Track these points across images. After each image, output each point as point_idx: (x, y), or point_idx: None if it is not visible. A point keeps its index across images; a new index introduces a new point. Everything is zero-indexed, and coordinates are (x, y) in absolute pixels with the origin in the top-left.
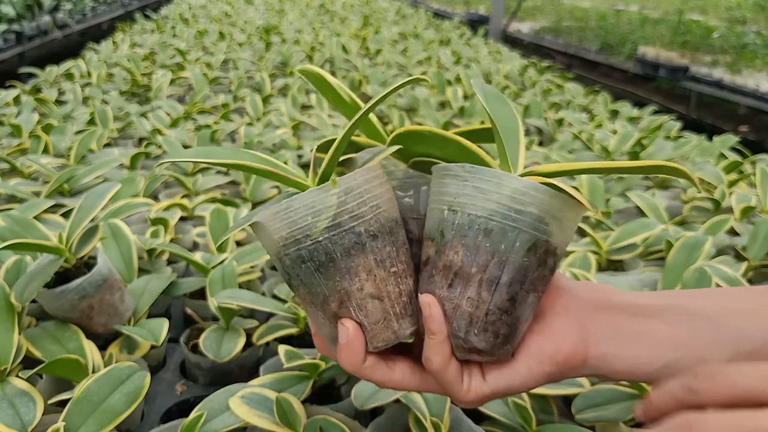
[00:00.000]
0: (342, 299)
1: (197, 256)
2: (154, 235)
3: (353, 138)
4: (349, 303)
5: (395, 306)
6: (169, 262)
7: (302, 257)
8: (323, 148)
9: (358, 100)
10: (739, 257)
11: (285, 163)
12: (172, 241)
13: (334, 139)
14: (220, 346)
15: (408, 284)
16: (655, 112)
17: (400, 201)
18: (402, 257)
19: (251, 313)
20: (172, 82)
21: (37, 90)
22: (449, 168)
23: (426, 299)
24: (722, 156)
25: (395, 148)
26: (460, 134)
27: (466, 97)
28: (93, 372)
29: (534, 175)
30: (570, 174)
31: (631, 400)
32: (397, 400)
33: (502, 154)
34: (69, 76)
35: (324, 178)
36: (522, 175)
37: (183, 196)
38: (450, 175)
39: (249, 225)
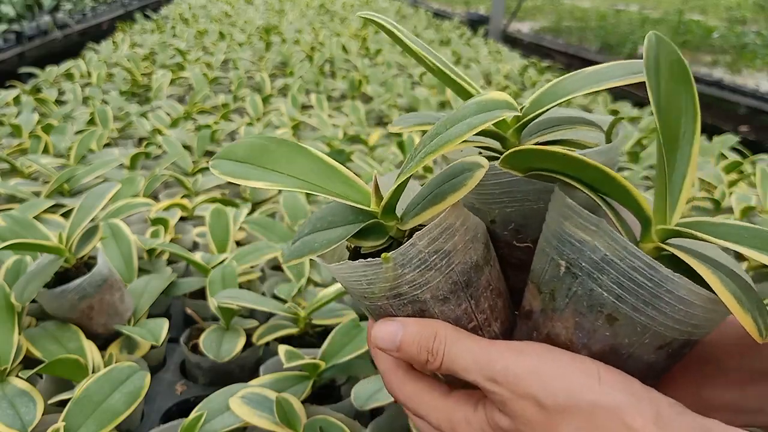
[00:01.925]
0: None
1: (197, 256)
2: (154, 235)
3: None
4: None
5: None
6: (169, 262)
7: (369, 308)
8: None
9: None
10: (740, 257)
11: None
12: (172, 241)
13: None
14: (220, 346)
15: (493, 331)
16: None
17: (501, 213)
18: (485, 304)
19: (251, 313)
20: (172, 82)
21: (37, 90)
22: (581, 214)
23: None
24: (722, 156)
25: (478, 176)
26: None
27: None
28: (93, 372)
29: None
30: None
31: None
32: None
33: (660, 189)
34: (69, 76)
35: (387, 210)
36: (677, 228)
37: (183, 196)
38: (581, 225)
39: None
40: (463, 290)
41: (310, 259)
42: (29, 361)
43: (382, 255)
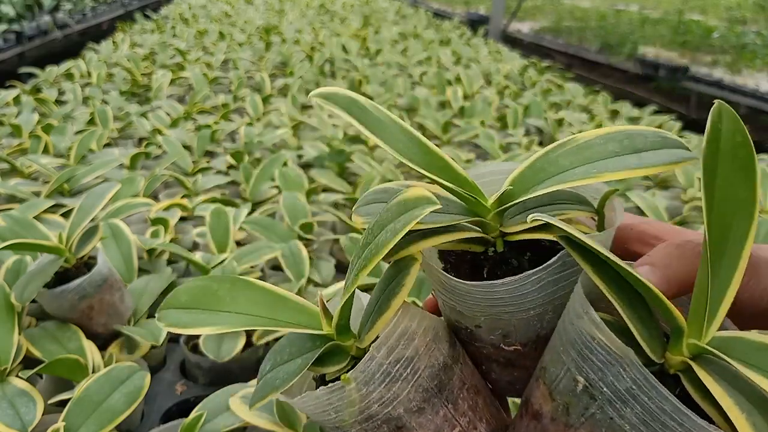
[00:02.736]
0: None
1: (197, 256)
2: (154, 235)
3: (437, 180)
4: None
5: None
6: (169, 262)
7: None
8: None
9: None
10: None
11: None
12: (172, 241)
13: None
14: (220, 346)
15: (480, 430)
16: (655, 112)
17: (488, 320)
18: (464, 406)
19: None
20: (172, 82)
21: (37, 90)
22: (608, 336)
23: None
24: None
25: (413, 272)
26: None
27: (466, 96)
28: (93, 372)
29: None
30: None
31: None
32: None
33: (700, 297)
34: (69, 76)
35: (341, 330)
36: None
37: (183, 196)
38: (606, 347)
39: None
40: (436, 396)
41: (310, 258)
42: (29, 361)
43: (342, 376)
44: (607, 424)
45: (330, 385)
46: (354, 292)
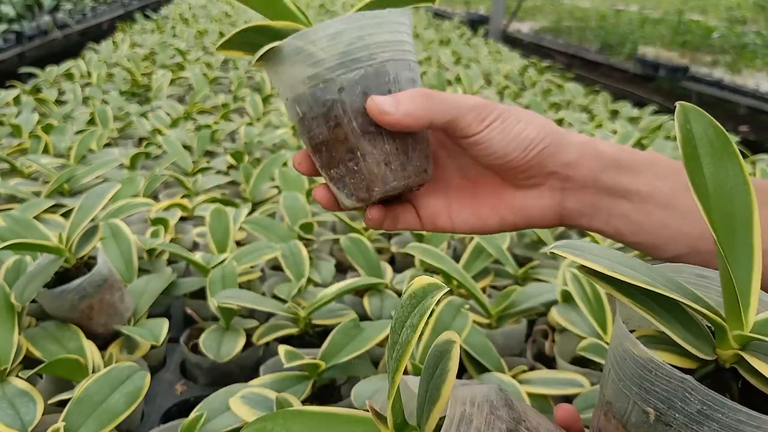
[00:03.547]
0: None
1: (197, 256)
2: (154, 235)
3: (266, 23)
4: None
5: None
6: (169, 262)
7: None
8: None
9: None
10: None
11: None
12: (172, 241)
13: None
14: (220, 346)
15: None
16: (655, 112)
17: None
18: None
19: (251, 313)
20: (172, 82)
21: (37, 90)
22: (664, 370)
23: None
24: None
25: (455, 355)
26: None
27: None
28: (93, 372)
29: None
30: None
31: None
32: None
33: (728, 288)
34: (69, 76)
35: (399, 427)
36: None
37: (183, 196)
38: (664, 380)
39: None
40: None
41: (310, 258)
42: (29, 361)
43: None
44: None
45: None
46: (398, 390)
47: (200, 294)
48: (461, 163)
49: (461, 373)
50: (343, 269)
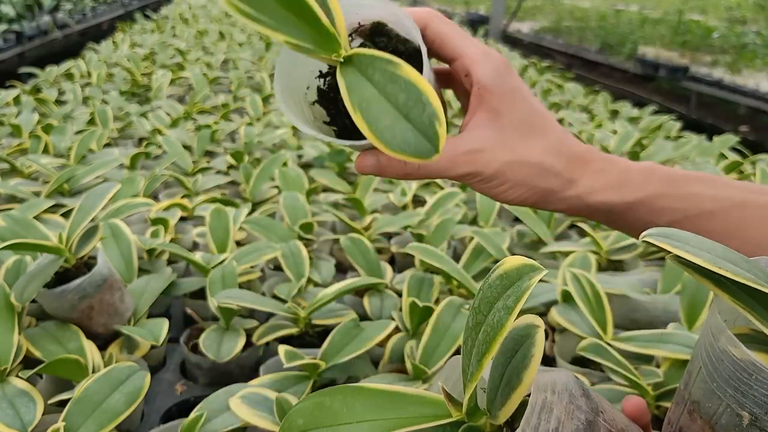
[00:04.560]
0: None
1: (197, 256)
2: (154, 235)
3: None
4: None
5: None
6: (169, 262)
7: None
8: None
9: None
10: None
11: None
12: (172, 241)
13: None
14: (220, 346)
15: None
16: (655, 112)
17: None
18: None
19: (251, 313)
20: (172, 82)
21: (37, 90)
22: (764, 372)
23: None
24: (722, 156)
25: (540, 340)
26: None
27: None
28: (93, 372)
29: None
30: None
31: None
32: None
33: None
34: (69, 76)
35: (472, 411)
36: None
37: (183, 196)
38: (763, 384)
39: None
40: None
41: (310, 258)
42: (29, 361)
43: None
44: None
45: None
46: (479, 377)
47: (200, 294)
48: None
49: None
50: (343, 269)
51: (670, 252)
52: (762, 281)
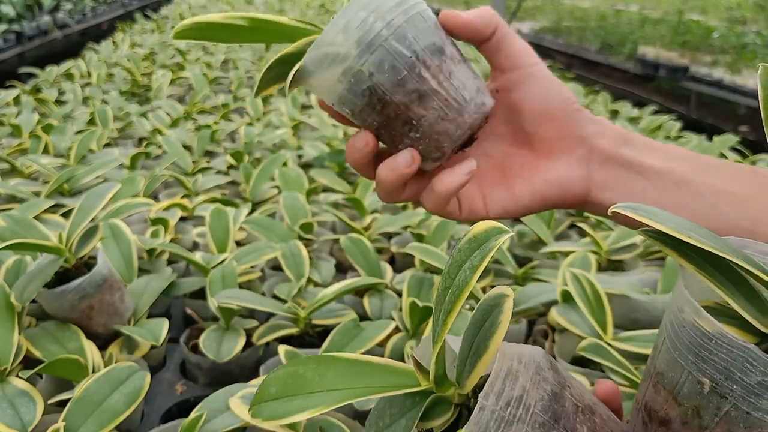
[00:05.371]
0: None
1: (197, 256)
2: (154, 235)
3: (282, 54)
4: None
5: None
6: (169, 262)
7: None
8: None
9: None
10: None
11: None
12: (172, 241)
13: None
14: (220, 346)
15: None
16: (655, 112)
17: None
18: (583, 430)
19: (251, 313)
20: (172, 82)
21: (37, 90)
22: (725, 337)
23: None
24: (722, 156)
25: (508, 309)
26: None
27: None
28: (93, 372)
29: None
30: None
31: (631, 400)
32: None
33: None
34: (69, 76)
35: (440, 381)
36: None
37: (183, 196)
38: (725, 349)
39: None
40: (554, 427)
41: (310, 258)
42: (29, 361)
43: None
44: (744, 419)
45: None
46: (444, 341)
47: (200, 294)
48: (485, 148)
49: None
50: (343, 269)
51: (642, 225)
52: (726, 251)
